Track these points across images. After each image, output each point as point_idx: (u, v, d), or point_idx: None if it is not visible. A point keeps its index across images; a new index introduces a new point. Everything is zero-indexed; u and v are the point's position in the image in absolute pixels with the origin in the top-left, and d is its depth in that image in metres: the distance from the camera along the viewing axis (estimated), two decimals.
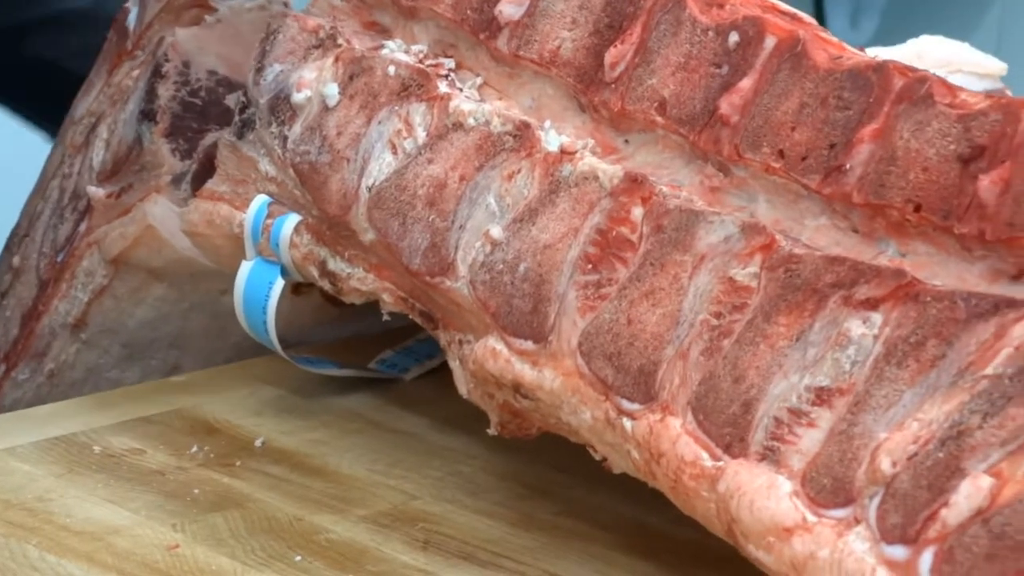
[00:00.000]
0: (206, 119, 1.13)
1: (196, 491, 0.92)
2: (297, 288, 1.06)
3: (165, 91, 1.17)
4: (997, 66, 1.23)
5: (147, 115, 1.17)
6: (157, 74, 1.17)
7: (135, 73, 1.20)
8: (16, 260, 1.25)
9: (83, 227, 1.18)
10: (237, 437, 1.00)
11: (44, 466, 0.95)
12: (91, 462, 0.96)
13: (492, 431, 0.91)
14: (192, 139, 1.15)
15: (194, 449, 0.97)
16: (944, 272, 0.73)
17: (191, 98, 1.16)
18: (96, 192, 1.18)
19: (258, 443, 0.99)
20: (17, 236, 1.27)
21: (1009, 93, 1.27)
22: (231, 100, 1.07)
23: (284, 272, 1.01)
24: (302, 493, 0.93)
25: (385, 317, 0.99)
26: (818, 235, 0.78)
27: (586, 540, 0.84)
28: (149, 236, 1.13)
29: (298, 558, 0.85)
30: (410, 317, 0.97)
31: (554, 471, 0.92)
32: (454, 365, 0.92)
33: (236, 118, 1.06)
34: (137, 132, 1.18)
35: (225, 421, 1.01)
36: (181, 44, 1.17)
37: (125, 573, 0.83)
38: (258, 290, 1.01)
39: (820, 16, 3.35)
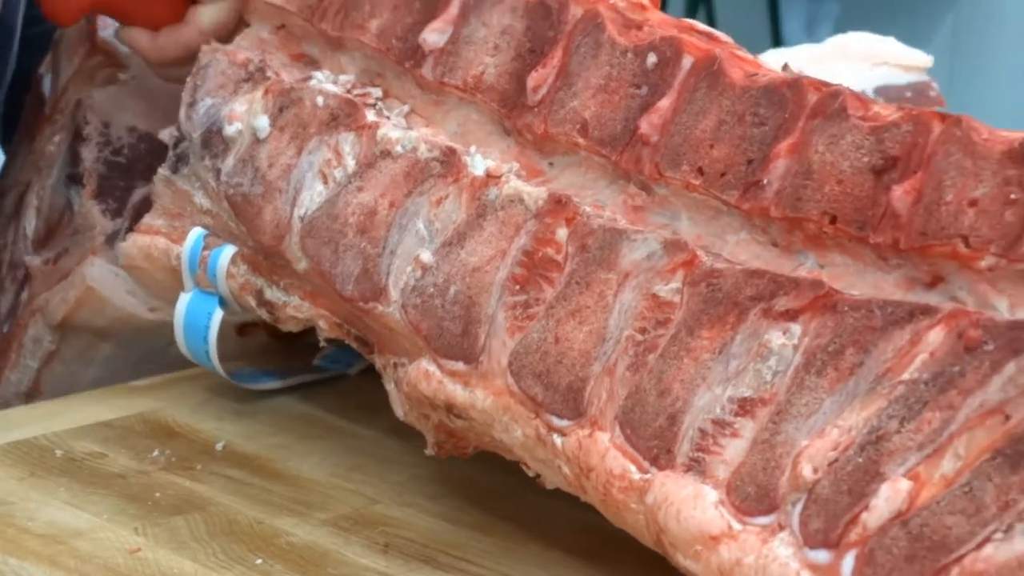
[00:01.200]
0: (132, 176, 1.13)
1: (158, 495, 0.92)
2: (243, 329, 1.06)
3: (88, 153, 1.17)
4: (923, 59, 1.23)
5: (73, 179, 1.17)
6: (78, 137, 1.18)
7: (56, 138, 1.20)
8: None
9: (24, 296, 1.19)
10: (198, 441, 1.00)
11: (5, 469, 0.95)
12: (52, 466, 0.96)
13: (429, 451, 0.92)
14: (121, 197, 1.15)
15: (155, 453, 0.97)
16: (861, 282, 0.74)
17: (115, 157, 1.17)
18: (32, 260, 1.18)
19: (219, 447, 0.99)
20: None
21: (935, 86, 1.28)
22: (165, 135, 1.06)
23: (222, 302, 1.01)
24: (263, 497, 0.93)
25: (322, 343, 0.99)
26: (739, 249, 0.78)
27: (543, 543, 0.84)
28: (90, 297, 1.13)
29: (259, 561, 0.85)
30: (340, 339, 0.97)
31: (511, 475, 0.91)
32: (390, 388, 0.92)
33: (170, 152, 1.06)
34: (66, 197, 1.19)
35: (186, 425, 1.02)
36: (98, 105, 1.18)
37: (88, 575, 0.83)
38: (198, 320, 1.02)
39: (776, 25, 3.36)
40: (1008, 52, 3.45)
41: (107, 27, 1.17)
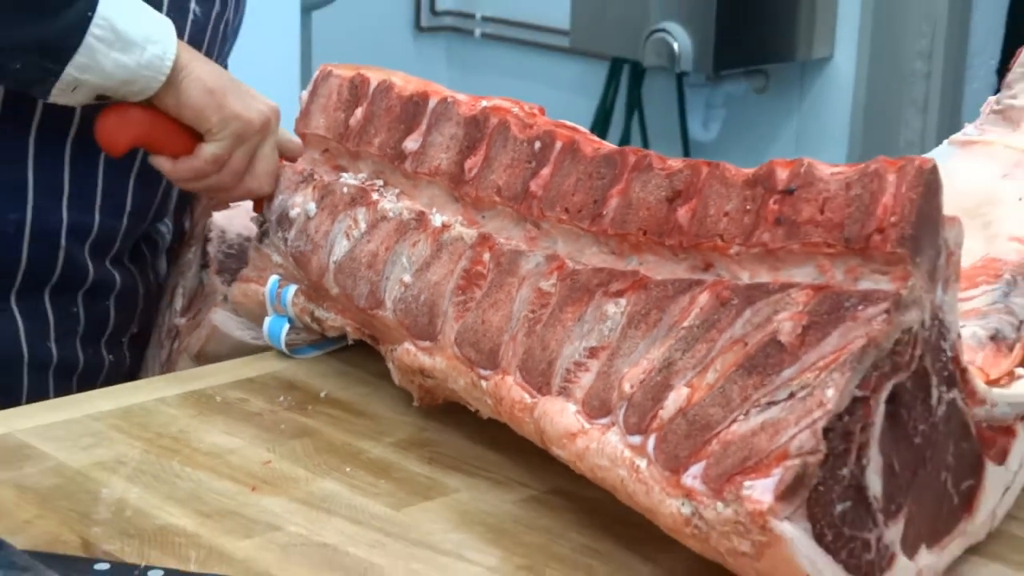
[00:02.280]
0: (240, 260, 1.12)
1: (282, 426, 0.91)
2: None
3: (212, 249, 1.16)
4: None
5: (204, 265, 1.16)
6: (207, 240, 1.17)
7: (193, 249, 1.20)
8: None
9: (176, 345, 1.17)
10: (309, 391, 0.97)
11: (183, 409, 0.93)
12: (214, 407, 0.94)
13: (415, 404, 0.91)
14: (233, 272, 1.13)
15: (281, 399, 0.95)
16: (663, 270, 0.74)
17: (228, 250, 1.16)
18: (180, 321, 1.18)
19: (322, 394, 0.96)
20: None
21: None
22: (255, 220, 1.07)
23: (290, 320, 1.01)
24: (350, 427, 0.91)
25: (349, 341, 0.99)
26: (591, 258, 0.79)
27: (541, 457, 0.80)
28: (215, 333, 1.12)
29: (348, 469, 0.84)
30: (361, 338, 0.97)
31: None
32: (390, 365, 0.91)
33: (257, 231, 1.06)
34: (200, 279, 1.17)
35: (301, 380, 0.99)
36: (217, 222, 1.17)
37: (237, 479, 0.82)
38: (276, 330, 1.02)
39: (684, 124, 3.23)
40: None
41: None
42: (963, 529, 0.72)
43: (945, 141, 1.00)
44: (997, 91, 1.00)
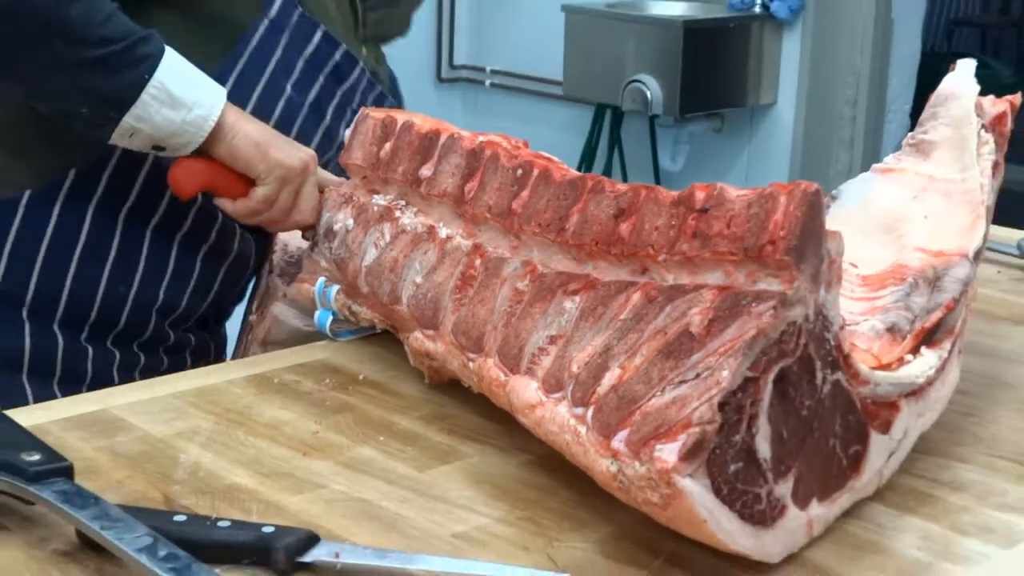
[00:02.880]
0: (297, 267, 1.12)
1: (328, 403, 0.90)
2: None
3: (276, 257, 1.17)
4: None
5: (269, 271, 1.18)
6: (272, 252, 1.18)
7: (267, 265, 1.21)
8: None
9: (248, 337, 1.18)
10: (349, 374, 0.95)
11: (246, 389, 0.92)
12: (272, 387, 0.92)
13: (426, 381, 0.91)
14: (291, 276, 1.13)
15: (327, 381, 0.94)
16: (610, 274, 0.74)
17: (289, 259, 1.16)
18: (252, 317, 1.19)
19: (361, 377, 0.95)
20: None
21: None
22: (308, 234, 1.08)
23: (333, 313, 1.01)
24: (384, 404, 0.90)
25: (379, 329, 0.98)
26: (557, 263, 0.78)
27: None
28: (276, 323, 1.12)
29: (381, 438, 0.83)
30: (386, 328, 0.96)
31: None
32: (407, 349, 0.91)
33: (310, 241, 1.06)
34: (266, 282, 1.18)
35: (343, 365, 0.97)
36: (280, 238, 1.17)
37: (290, 446, 0.82)
38: (323, 320, 1.02)
39: (655, 157, 3.22)
40: None
41: None
42: (852, 487, 0.71)
43: (870, 169, 0.99)
44: (911, 130, 0.98)
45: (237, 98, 1.07)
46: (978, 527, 0.70)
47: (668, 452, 0.60)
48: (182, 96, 0.99)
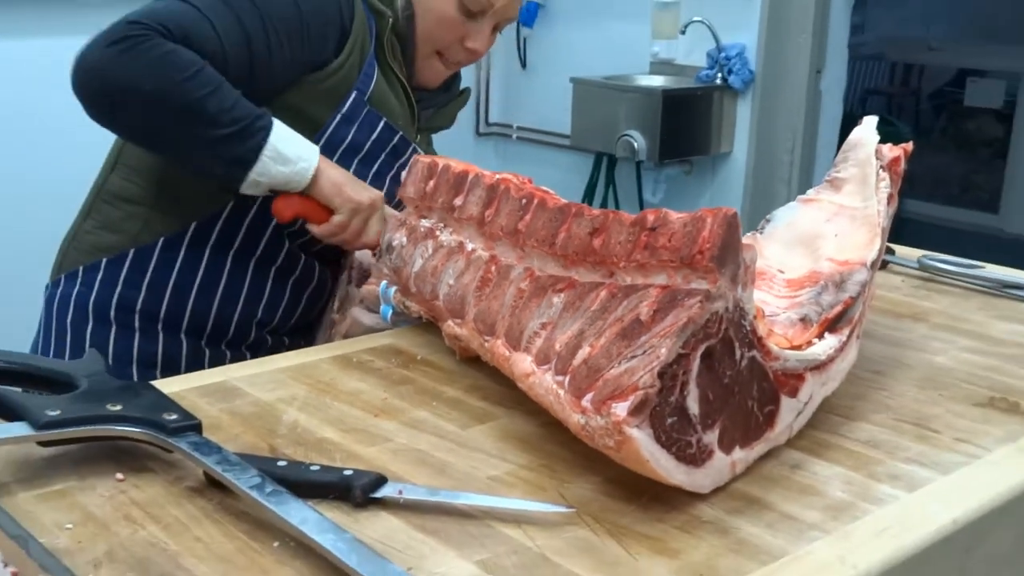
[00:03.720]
0: (367, 277, 1.12)
1: (394, 377, 0.88)
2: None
3: (354, 273, 1.17)
4: None
5: (347, 281, 1.18)
6: (351, 267, 1.19)
7: (343, 276, 1.21)
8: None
9: (332, 331, 1.18)
10: (410, 355, 0.94)
11: (330, 365, 0.91)
12: (351, 365, 0.91)
13: (457, 357, 0.90)
14: (364, 280, 1.12)
15: (392, 360, 0.92)
16: (587, 276, 0.72)
17: (363, 272, 1.16)
18: (335, 316, 1.18)
19: (419, 357, 0.93)
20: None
21: None
22: (376, 252, 1.08)
23: (393, 308, 1.01)
24: (436, 378, 0.88)
25: (424, 319, 0.97)
26: (549, 269, 0.77)
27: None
28: (354, 322, 1.11)
29: (433, 404, 0.81)
30: (429, 319, 0.96)
31: None
32: (444, 334, 0.90)
33: (377, 252, 1.06)
34: (346, 291, 1.18)
35: (406, 348, 0.95)
36: (356, 256, 1.17)
37: (366, 409, 0.80)
38: (386, 313, 1.02)
39: (640, 192, 3.14)
40: None
41: None
42: (767, 437, 0.70)
43: (795, 199, 0.97)
44: None
45: None
46: (888, 475, 0.69)
47: (620, 409, 0.60)
48: (289, 154, 1.00)
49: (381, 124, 1.15)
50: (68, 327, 1.12)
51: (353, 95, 1.11)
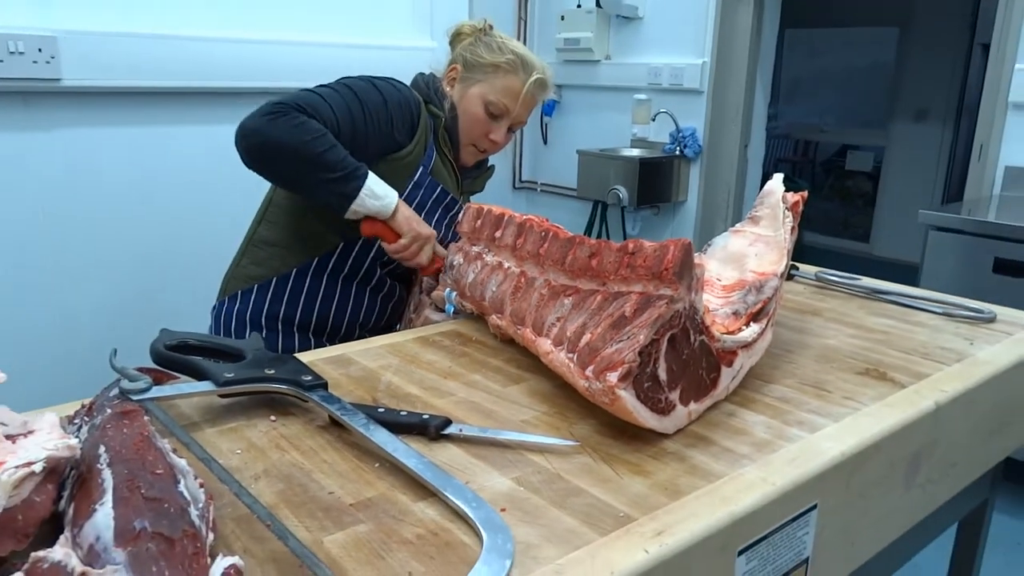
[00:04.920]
0: (435, 286, 1.07)
1: (456, 352, 0.84)
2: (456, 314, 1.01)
3: (424, 286, 1.13)
4: None
5: (419, 291, 1.14)
6: (422, 282, 1.13)
7: (416, 287, 1.15)
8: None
9: (411, 326, 1.12)
10: (468, 336, 0.90)
11: (415, 344, 0.87)
12: (428, 343, 0.88)
13: (499, 339, 0.88)
14: (431, 292, 1.09)
15: (455, 340, 0.88)
16: (588, 286, 0.71)
17: (431, 285, 1.11)
18: (411, 316, 1.14)
19: (473, 338, 0.89)
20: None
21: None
22: (443, 268, 1.04)
23: (453, 306, 0.98)
24: (484, 351, 0.84)
25: (476, 314, 0.94)
26: (561, 280, 0.75)
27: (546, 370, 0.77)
28: (427, 320, 1.07)
29: (484, 370, 0.79)
30: (478, 314, 0.93)
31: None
32: (490, 325, 0.87)
33: (444, 267, 1.03)
34: (419, 296, 1.14)
35: (465, 331, 0.92)
36: (424, 278, 1.12)
37: (438, 373, 0.76)
38: (449, 310, 0.99)
39: (623, 227, 3.00)
40: None
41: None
42: (712, 394, 0.68)
43: (727, 231, 0.95)
44: None
45: None
46: (796, 421, 0.67)
47: (613, 377, 0.59)
48: (379, 192, 1.00)
49: (438, 189, 1.16)
50: (232, 333, 1.16)
51: (420, 169, 1.13)
